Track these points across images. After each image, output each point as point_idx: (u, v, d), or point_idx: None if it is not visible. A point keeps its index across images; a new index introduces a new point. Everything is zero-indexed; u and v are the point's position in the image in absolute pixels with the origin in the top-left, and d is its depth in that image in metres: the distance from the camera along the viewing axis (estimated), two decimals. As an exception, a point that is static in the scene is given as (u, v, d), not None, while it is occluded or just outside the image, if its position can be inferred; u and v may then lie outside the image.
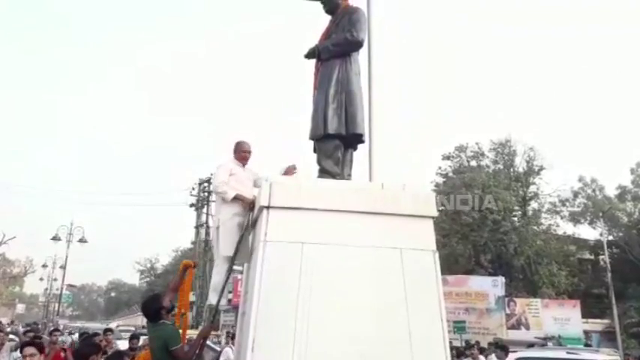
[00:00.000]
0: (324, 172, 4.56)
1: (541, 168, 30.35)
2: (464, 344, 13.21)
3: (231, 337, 12.70)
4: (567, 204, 31.29)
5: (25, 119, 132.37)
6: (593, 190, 31.75)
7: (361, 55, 4.93)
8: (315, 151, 4.78)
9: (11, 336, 10.26)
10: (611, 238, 30.54)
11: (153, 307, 4.30)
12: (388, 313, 3.74)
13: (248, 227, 4.60)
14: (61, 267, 33.76)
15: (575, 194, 31.41)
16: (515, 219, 28.89)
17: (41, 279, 45.59)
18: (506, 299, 22.49)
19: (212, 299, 4.65)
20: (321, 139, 4.63)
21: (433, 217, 4.13)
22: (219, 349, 11.73)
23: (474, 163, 31.11)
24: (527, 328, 21.81)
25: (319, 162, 4.65)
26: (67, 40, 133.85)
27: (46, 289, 46.64)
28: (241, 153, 4.96)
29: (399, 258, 3.88)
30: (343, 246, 3.85)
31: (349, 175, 4.78)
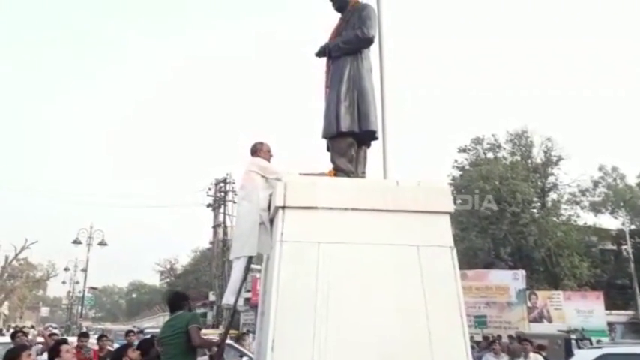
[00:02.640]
0: (338, 171, 4.55)
1: (559, 158, 29.95)
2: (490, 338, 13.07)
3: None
4: (587, 194, 30.83)
5: (41, 123, 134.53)
6: (614, 179, 31.24)
7: (372, 51, 4.90)
8: (328, 149, 4.77)
9: (39, 339, 10.42)
10: (633, 227, 30.04)
11: (177, 298, 4.86)
12: (407, 311, 3.72)
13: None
14: (82, 270, 34.33)
15: (596, 184, 30.94)
16: (535, 211, 28.55)
17: (64, 282, 46.43)
18: (527, 292, 22.25)
19: (229, 299, 4.69)
20: (334, 137, 4.62)
21: (450, 213, 4.10)
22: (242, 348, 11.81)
23: (490, 155, 30.80)
24: (550, 320, 21.55)
25: (333, 160, 4.64)
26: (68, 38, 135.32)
27: (69, 291, 47.48)
28: (267, 151, 4.98)
29: (417, 255, 3.85)
30: (359, 244, 3.84)
31: (364, 172, 4.77)
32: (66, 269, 41.94)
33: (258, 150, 4.98)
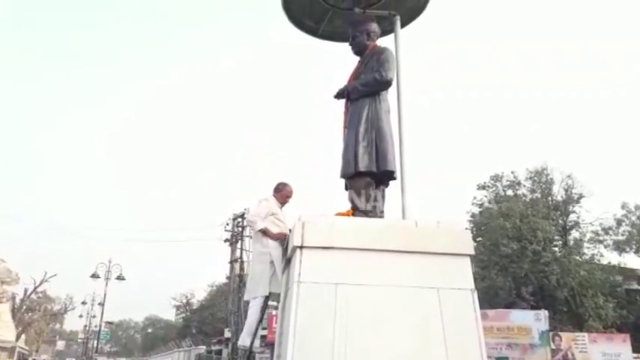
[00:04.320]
0: (356, 211, 4.54)
1: (580, 196, 29.46)
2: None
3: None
4: (611, 232, 30.15)
5: (60, 157, 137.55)
6: (638, 218, 30.56)
7: (390, 93, 4.96)
8: (346, 189, 4.79)
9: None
10: (659, 267, 29.17)
11: None
12: (426, 355, 3.64)
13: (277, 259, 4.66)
14: (99, 304, 34.40)
15: (619, 222, 30.22)
16: (557, 249, 27.94)
17: (80, 316, 46.51)
18: (551, 334, 21.57)
19: (245, 341, 4.65)
20: (352, 177, 4.64)
21: (470, 255, 4.04)
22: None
23: (510, 192, 30.48)
24: (575, 364, 20.78)
25: (351, 200, 4.64)
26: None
27: (85, 325, 47.46)
28: (284, 195, 5.08)
29: (437, 298, 3.79)
30: (378, 286, 3.79)
31: (382, 212, 4.75)
32: (83, 303, 42.10)
33: (276, 190, 5.10)
